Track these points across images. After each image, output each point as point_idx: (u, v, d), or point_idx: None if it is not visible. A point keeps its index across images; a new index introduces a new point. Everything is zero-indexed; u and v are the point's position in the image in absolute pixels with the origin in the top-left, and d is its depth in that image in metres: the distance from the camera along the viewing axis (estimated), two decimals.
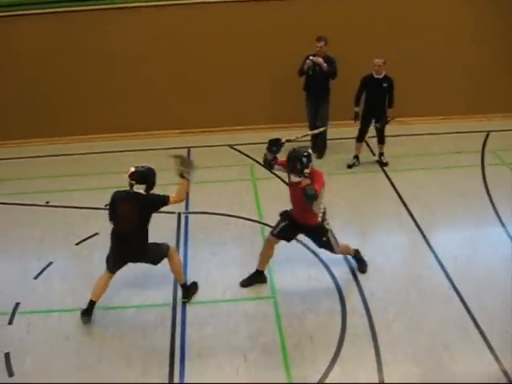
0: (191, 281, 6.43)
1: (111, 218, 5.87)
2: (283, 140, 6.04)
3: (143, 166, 5.73)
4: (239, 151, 9.58)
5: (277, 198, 8.00)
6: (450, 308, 6.17)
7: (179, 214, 7.77)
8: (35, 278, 6.82)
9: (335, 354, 5.55)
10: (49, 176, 9.08)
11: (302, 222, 6.07)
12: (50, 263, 7.03)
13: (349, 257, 6.75)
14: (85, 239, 7.42)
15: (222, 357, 5.58)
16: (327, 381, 5.27)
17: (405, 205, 8.05)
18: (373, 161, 9.32)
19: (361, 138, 9.01)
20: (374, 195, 8.42)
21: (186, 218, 7.75)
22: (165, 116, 10.14)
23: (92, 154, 9.67)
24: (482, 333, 5.77)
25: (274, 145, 6.00)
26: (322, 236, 6.14)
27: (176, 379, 5.36)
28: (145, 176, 5.68)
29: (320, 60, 8.63)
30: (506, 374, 5.33)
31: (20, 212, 8.20)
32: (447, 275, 6.63)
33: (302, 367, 5.44)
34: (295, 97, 9.29)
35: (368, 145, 9.67)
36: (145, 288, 6.43)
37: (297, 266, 6.78)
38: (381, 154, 9.21)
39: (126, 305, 6.29)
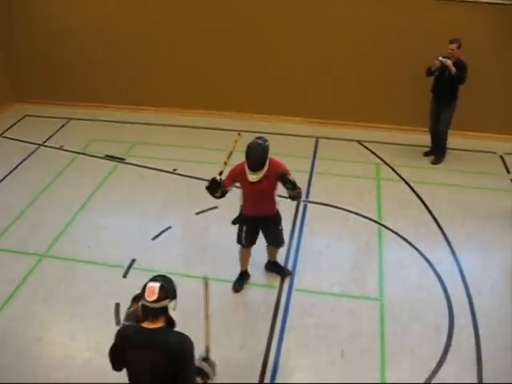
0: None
1: None
2: (218, 178, 5.56)
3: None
4: (367, 148, 9.42)
5: (400, 201, 7.91)
6: None
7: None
8: (153, 239, 7.17)
9: (434, 370, 5.36)
10: (178, 145, 9.43)
11: (263, 215, 5.90)
12: (169, 227, 7.36)
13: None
14: (204, 210, 7.65)
15: (319, 348, 5.59)
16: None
17: None
18: None
19: None
20: (502, 213, 7.90)
21: (305, 206, 7.77)
22: (291, 101, 10.09)
23: (217, 129, 9.91)
24: None
25: (215, 189, 5.58)
26: (279, 224, 6.04)
27: (270, 359, 5.45)
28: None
29: (449, 62, 8.21)
30: None
31: (148, 175, 8.63)
32: None
33: (398, 376, 5.30)
34: (423, 99, 8.96)
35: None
36: (254, 268, 6.53)
37: (409, 272, 6.60)
38: None
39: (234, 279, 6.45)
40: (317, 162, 8.97)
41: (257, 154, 5.42)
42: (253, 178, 5.47)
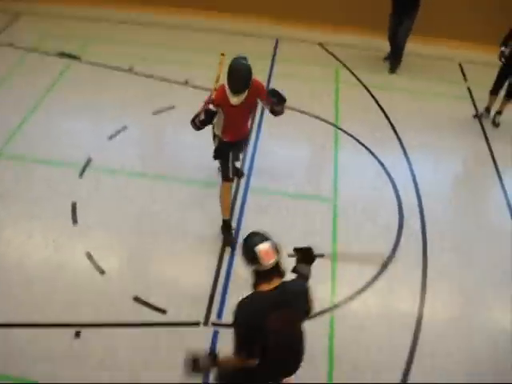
0: None
1: None
2: (213, 108, 5.13)
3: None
4: (328, 51, 9.26)
5: (358, 105, 7.93)
6: (508, 249, 6.05)
7: None
8: (109, 138, 7.07)
9: (382, 266, 5.60)
10: (136, 43, 9.07)
11: (242, 138, 5.71)
12: (125, 127, 7.24)
13: None
14: (161, 110, 7.53)
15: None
16: (368, 291, 5.39)
17: (486, 138, 7.70)
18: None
19: (495, 90, 7.89)
20: (456, 120, 8.06)
21: (262, 108, 7.70)
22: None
23: (177, 27, 9.56)
24: None
25: (211, 121, 5.26)
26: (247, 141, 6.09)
27: (226, 256, 5.62)
28: None
29: None
30: None
31: (104, 74, 8.33)
32: None
33: (348, 272, 5.51)
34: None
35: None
36: (210, 170, 6.54)
37: (363, 175, 6.74)
38: (498, 112, 8.02)
39: (192, 179, 6.47)
40: (276, 63, 8.82)
41: (243, 75, 5.06)
42: (235, 101, 5.13)
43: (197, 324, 4.99)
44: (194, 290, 5.28)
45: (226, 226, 5.79)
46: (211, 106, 5.11)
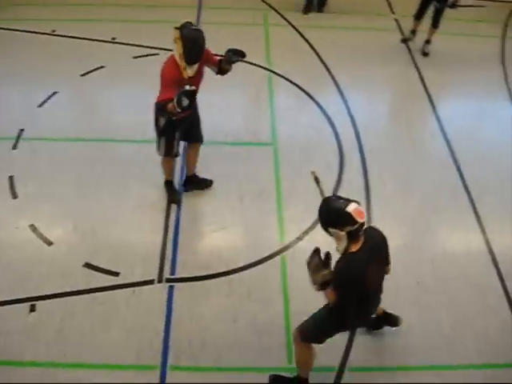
0: None
1: None
2: (192, 87, 4.76)
3: None
4: None
5: (289, 46, 7.91)
6: (445, 175, 6.27)
7: None
8: (39, 106, 6.84)
9: None
10: (56, 4, 8.72)
11: (194, 111, 5.26)
12: (55, 93, 7.00)
13: None
14: (90, 71, 7.32)
15: (218, 196, 5.78)
16: (315, 229, 5.51)
17: (417, 68, 7.88)
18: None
19: (421, 15, 8.03)
20: (387, 52, 8.18)
21: None
22: None
23: None
24: (471, 200, 5.95)
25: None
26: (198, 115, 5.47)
27: (173, 213, 5.58)
28: None
29: None
30: (487, 242, 5.57)
31: (26, 39, 7.96)
32: (448, 142, 6.66)
33: (294, 214, 5.62)
34: None
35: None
36: (146, 125, 6.46)
37: (299, 116, 6.79)
38: (427, 42, 8.21)
39: (128, 139, 6.36)
40: (203, 11, 8.64)
41: (200, 44, 4.75)
42: (190, 72, 4.80)
43: (151, 282, 5.01)
44: (145, 249, 5.27)
45: (170, 185, 5.73)
46: (188, 87, 4.67)
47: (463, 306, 5.02)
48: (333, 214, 3.52)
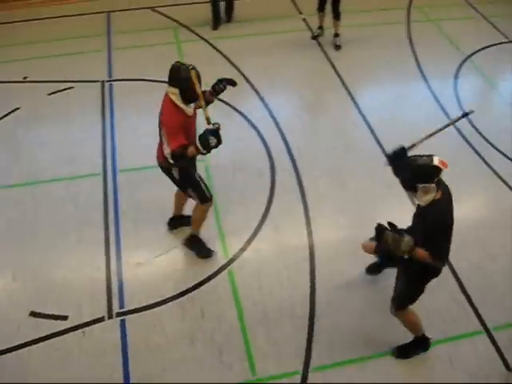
0: None
1: None
2: (215, 125, 4.61)
3: None
4: (161, 13, 9.11)
5: (203, 60, 7.89)
6: (375, 163, 6.41)
7: (103, 82, 7.52)
8: None
9: (265, 211, 5.80)
10: None
11: None
12: None
13: None
14: (5, 115, 7.06)
15: (155, 220, 5.71)
16: (257, 237, 5.56)
17: (330, 62, 8.06)
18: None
19: (323, 6, 8.21)
20: (300, 52, 8.33)
21: (111, 86, 7.52)
22: None
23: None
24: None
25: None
26: None
27: (112, 245, 5.49)
28: None
29: None
30: None
31: None
32: (372, 132, 6.85)
33: (234, 226, 5.65)
34: None
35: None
36: (73, 160, 6.35)
37: (226, 128, 6.76)
38: (336, 35, 8.41)
39: (56, 177, 6.22)
40: (113, 37, 8.54)
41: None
42: (190, 111, 4.73)
43: (101, 319, 4.90)
44: (90, 287, 5.16)
45: (199, 238, 5.42)
46: (213, 125, 4.54)
47: None
48: (423, 171, 3.82)
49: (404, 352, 4.72)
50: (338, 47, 8.46)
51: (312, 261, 5.39)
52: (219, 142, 4.52)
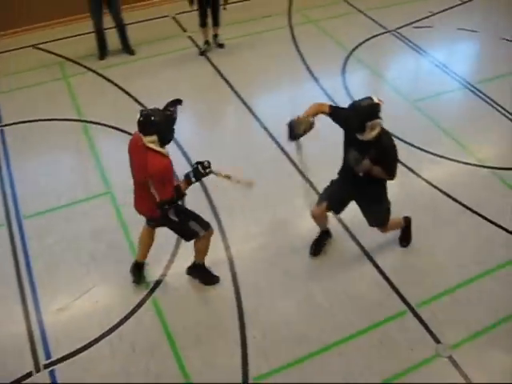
0: None
1: None
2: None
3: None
4: (45, 50, 8.89)
5: (94, 91, 7.83)
6: (278, 165, 6.57)
7: None
8: None
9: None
10: None
11: None
12: None
13: None
14: None
15: (69, 262, 5.56)
16: (176, 260, 5.54)
17: (222, 76, 8.16)
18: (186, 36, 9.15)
19: (204, 21, 8.42)
20: (191, 69, 8.39)
21: (2, 131, 7.25)
22: None
23: None
24: (310, 183, 6.31)
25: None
26: None
27: (28, 296, 5.28)
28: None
29: None
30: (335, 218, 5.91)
31: None
32: (273, 138, 6.99)
33: (151, 253, 5.54)
34: None
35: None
36: None
37: (126, 155, 6.68)
38: (216, 36, 8.73)
39: None
40: None
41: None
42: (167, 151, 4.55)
43: (29, 375, 4.69)
44: (11, 343, 4.93)
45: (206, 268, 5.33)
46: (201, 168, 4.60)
47: None
48: (370, 110, 4.46)
49: (406, 238, 5.67)
50: (221, 45, 8.78)
51: (233, 273, 5.43)
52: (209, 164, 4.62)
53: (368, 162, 4.60)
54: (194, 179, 4.57)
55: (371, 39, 8.67)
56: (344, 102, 7.31)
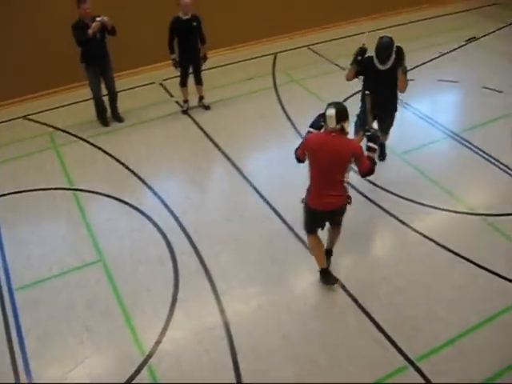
0: None
1: None
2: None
3: None
4: (34, 120, 9.00)
5: (84, 160, 7.89)
6: (271, 226, 6.57)
7: None
8: None
9: (173, 298, 5.70)
10: None
11: None
12: None
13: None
14: None
15: (62, 333, 5.45)
16: (171, 326, 5.44)
17: (210, 139, 8.26)
18: (173, 101, 9.32)
19: (185, 81, 8.70)
20: (180, 135, 8.49)
21: None
22: None
23: None
24: (303, 242, 6.29)
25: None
26: None
27: (21, 369, 5.13)
28: None
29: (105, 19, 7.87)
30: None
31: None
32: (262, 196, 7.03)
33: (145, 320, 5.50)
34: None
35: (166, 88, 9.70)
36: None
37: (117, 223, 6.73)
38: (201, 98, 9.00)
39: None
40: None
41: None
42: None
43: None
44: None
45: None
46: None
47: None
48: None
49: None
50: (207, 107, 9.00)
51: (229, 337, 5.32)
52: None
53: (401, 72, 6.60)
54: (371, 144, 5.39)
55: (355, 95, 8.83)
56: None
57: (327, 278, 5.75)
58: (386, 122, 7.11)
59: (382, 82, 6.58)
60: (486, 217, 6.62)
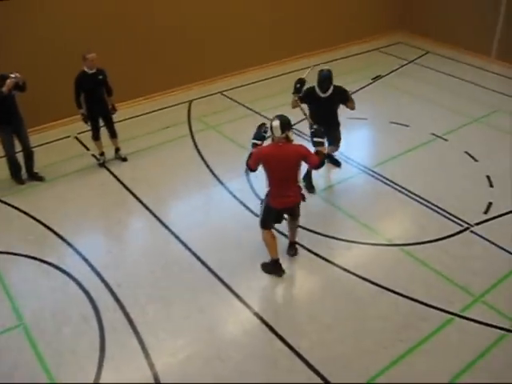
0: None
1: None
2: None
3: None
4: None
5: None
6: (195, 274, 6.54)
7: None
8: None
9: (100, 357, 5.53)
10: None
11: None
12: None
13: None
14: None
15: None
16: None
17: (129, 191, 8.19)
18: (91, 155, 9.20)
19: (97, 135, 8.66)
20: (99, 189, 8.36)
21: None
22: None
23: None
24: (228, 287, 6.32)
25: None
26: None
27: None
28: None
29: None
30: (256, 315, 5.91)
31: None
32: (185, 245, 7.01)
33: (71, 380, 5.30)
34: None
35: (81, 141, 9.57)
36: None
37: (35, 284, 6.49)
38: (117, 150, 9.00)
39: None
40: None
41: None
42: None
43: None
44: None
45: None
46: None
47: None
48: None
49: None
50: (124, 159, 9.00)
51: None
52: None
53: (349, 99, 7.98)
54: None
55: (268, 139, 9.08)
56: (252, 200, 7.61)
57: (276, 268, 6.49)
58: (334, 135, 8.04)
59: (324, 106, 7.79)
60: (402, 247, 6.89)
